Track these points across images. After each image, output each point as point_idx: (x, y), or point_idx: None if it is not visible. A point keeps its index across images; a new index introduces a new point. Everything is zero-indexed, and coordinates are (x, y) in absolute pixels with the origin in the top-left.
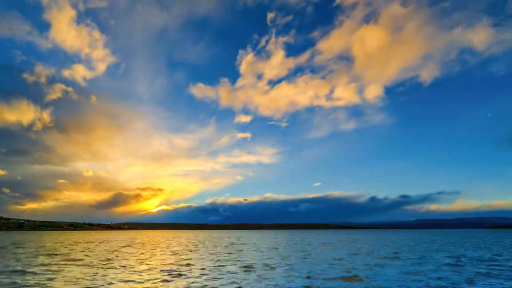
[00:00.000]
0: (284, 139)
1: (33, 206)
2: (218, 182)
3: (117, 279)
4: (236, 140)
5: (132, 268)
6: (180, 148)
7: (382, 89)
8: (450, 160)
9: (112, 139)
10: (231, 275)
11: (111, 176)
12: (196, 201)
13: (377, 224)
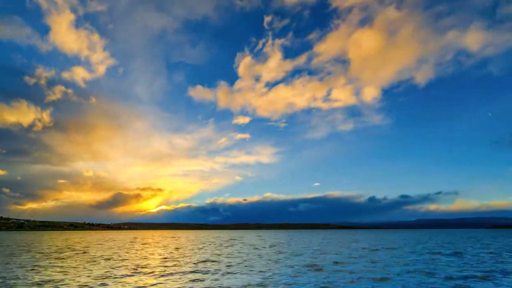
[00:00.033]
0: (283, 140)
1: (33, 206)
2: (218, 182)
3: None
4: (235, 141)
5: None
6: (180, 148)
7: (379, 91)
8: (450, 160)
9: (112, 139)
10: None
11: (111, 176)
12: (196, 201)
13: (377, 224)
